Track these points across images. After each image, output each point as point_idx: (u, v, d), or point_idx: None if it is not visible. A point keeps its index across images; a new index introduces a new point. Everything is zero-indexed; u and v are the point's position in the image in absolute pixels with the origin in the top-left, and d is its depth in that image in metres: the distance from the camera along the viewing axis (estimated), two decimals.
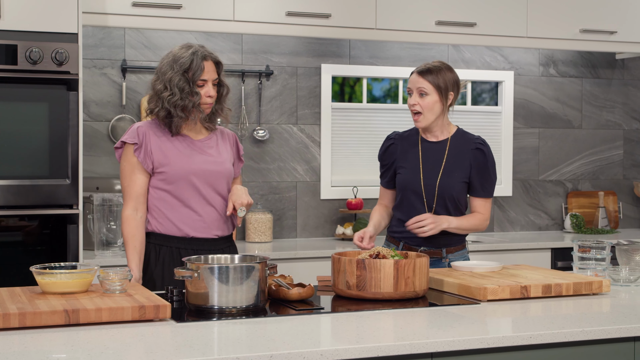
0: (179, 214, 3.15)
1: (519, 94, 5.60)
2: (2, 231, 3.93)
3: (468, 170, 3.45)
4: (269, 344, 2.17)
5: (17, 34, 3.90)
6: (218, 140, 3.29)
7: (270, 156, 5.04)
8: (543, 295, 2.85)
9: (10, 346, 2.14)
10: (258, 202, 4.95)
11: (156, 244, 3.16)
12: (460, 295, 2.88)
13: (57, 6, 3.95)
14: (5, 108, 3.88)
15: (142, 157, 3.13)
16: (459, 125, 3.58)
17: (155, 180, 3.17)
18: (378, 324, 2.47)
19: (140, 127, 3.17)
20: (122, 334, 2.28)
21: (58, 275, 2.61)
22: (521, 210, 5.63)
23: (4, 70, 3.88)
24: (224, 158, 3.26)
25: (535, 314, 2.65)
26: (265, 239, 4.86)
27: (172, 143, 3.17)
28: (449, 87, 3.43)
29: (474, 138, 3.51)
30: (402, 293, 2.77)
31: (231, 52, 4.93)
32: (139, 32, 4.74)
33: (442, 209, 3.44)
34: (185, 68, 3.11)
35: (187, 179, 3.14)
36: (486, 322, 2.52)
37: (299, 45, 5.07)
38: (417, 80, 3.42)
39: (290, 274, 4.28)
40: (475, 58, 5.48)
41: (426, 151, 3.49)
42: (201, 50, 3.16)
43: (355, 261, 2.78)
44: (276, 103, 5.04)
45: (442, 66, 3.44)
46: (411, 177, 3.46)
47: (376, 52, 5.23)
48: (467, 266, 3.16)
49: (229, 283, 2.58)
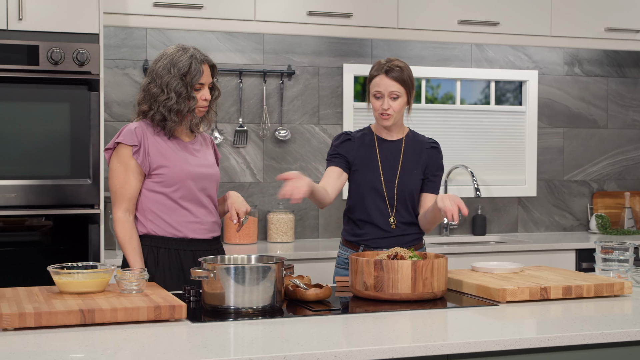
0: (176, 216, 3.11)
1: (543, 93, 5.55)
2: (24, 231, 3.95)
3: (423, 168, 3.47)
4: (282, 345, 2.16)
5: (39, 34, 3.92)
6: (202, 143, 3.27)
7: (292, 156, 5.03)
8: (563, 297, 2.81)
9: (25, 346, 2.15)
10: (280, 203, 4.95)
11: (153, 247, 3.11)
12: (479, 296, 2.85)
13: (78, 7, 3.96)
14: (27, 108, 3.90)
15: (141, 159, 3.07)
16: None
17: (150, 183, 3.11)
18: (394, 325, 2.45)
19: (138, 128, 3.10)
20: (137, 334, 2.28)
21: (75, 275, 2.61)
22: (545, 211, 5.58)
23: (25, 70, 3.90)
24: (212, 161, 3.25)
25: (554, 316, 2.62)
26: (287, 239, 4.85)
27: (167, 144, 3.12)
28: (413, 84, 3.43)
29: (426, 138, 3.56)
30: (420, 294, 2.75)
31: (253, 52, 4.93)
32: (161, 33, 4.74)
33: (402, 207, 3.43)
34: (184, 72, 3.06)
35: (185, 182, 3.10)
36: (504, 324, 2.49)
37: (321, 45, 5.06)
38: (387, 82, 3.36)
39: (311, 274, 4.27)
40: (499, 57, 5.44)
41: (383, 150, 3.47)
42: (198, 53, 3.12)
43: (373, 262, 2.76)
44: (298, 103, 5.03)
45: (402, 64, 3.39)
46: (371, 175, 3.43)
47: (398, 52, 5.21)
48: (487, 267, 3.13)
49: (245, 283, 2.58)
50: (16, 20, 3.88)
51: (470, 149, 5.44)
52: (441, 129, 5.36)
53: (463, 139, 5.43)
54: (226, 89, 4.89)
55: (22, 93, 3.90)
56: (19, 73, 3.89)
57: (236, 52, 4.90)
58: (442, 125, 5.37)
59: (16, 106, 3.89)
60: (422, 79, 5.33)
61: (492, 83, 5.48)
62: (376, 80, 3.38)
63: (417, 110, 5.31)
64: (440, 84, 5.41)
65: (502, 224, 5.48)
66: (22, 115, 3.90)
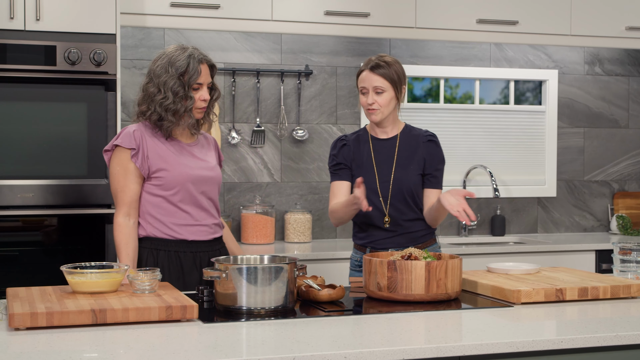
0: (175, 219, 3.09)
1: (563, 93, 5.51)
2: (42, 230, 3.96)
3: (422, 163, 3.41)
4: (293, 346, 2.15)
5: (56, 35, 3.94)
6: (204, 145, 3.24)
7: (310, 156, 5.02)
8: (579, 298, 2.78)
9: (36, 345, 2.15)
10: (297, 202, 4.94)
11: (152, 249, 3.09)
12: (494, 297, 2.82)
13: (95, 7, 3.97)
14: (44, 108, 3.92)
15: (139, 162, 3.05)
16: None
17: (149, 186, 3.09)
18: (406, 326, 2.43)
19: (136, 131, 3.08)
20: (148, 334, 2.28)
21: (88, 275, 2.62)
22: (565, 211, 5.53)
23: (43, 70, 3.92)
24: (214, 163, 3.22)
25: (569, 318, 2.59)
26: (304, 239, 4.84)
27: (166, 147, 3.09)
28: (402, 80, 3.38)
29: (423, 132, 3.49)
30: (433, 295, 2.73)
31: (270, 52, 4.93)
32: (179, 33, 4.75)
33: (400, 204, 3.38)
34: (182, 71, 3.04)
35: (185, 186, 3.07)
36: (518, 325, 2.47)
37: (339, 45, 5.04)
38: (372, 78, 3.33)
39: (327, 275, 4.26)
40: (518, 57, 5.40)
41: (377, 148, 3.44)
42: (197, 53, 3.09)
43: (387, 262, 2.75)
44: (315, 103, 5.02)
45: (391, 60, 3.36)
46: (365, 176, 3.39)
47: (417, 51, 5.18)
48: (502, 268, 3.11)
49: (257, 284, 2.57)
50: (34, 21, 3.90)
51: (489, 149, 5.41)
52: (460, 129, 5.33)
53: (482, 139, 5.39)
54: (243, 89, 4.88)
55: (39, 93, 3.92)
56: (36, 73, 3.91)
57: (254, 52, 4.89)
58: (461, 126, 5.34)
59: (33, 106, 3.91)
60: (440, 78, 5.30)
61: (512, 83, 5.44)
62: (362, 76, 3.38)
63: (435, 110, 5.29)
64: (459, 84, 5.38)
65: (521, 224, 5.44)
66: (39, 115, 3.91)
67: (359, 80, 3.39)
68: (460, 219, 3.05)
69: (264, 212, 4.75)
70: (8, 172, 3.88)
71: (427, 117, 5.25)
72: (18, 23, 3.89)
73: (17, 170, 3.89)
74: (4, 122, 3.87)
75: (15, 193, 3.88)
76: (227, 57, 4.83)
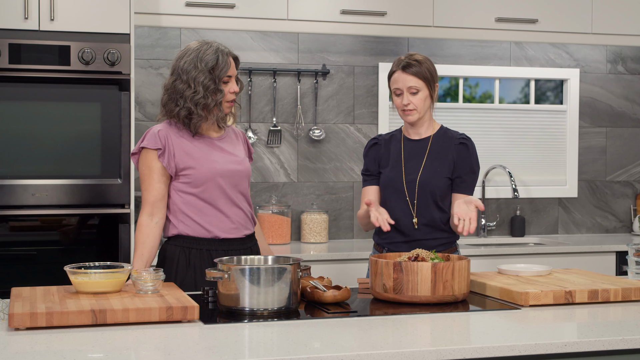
0: (207, 217, 3.09)
1: (585, 92, 5.43)
2: (55, 230, 3.97)
3: (451, 167, 3.33)
4: (289, 348, 2.13)
5: (70, 34, 3.95)
6: (232, 138, 3.24)
7: (327, 156, 4.99)
8: (589, 301, 2.73)
9: (33, 345, 2.14)
10: (314, 203, 4.92)
11: (185, 247, 3.10)
12: (503, 300, 2.78)
13: (109, 7, 3.98)
14: (59, 108, 3.93)
15: (166, 161, 3.06)
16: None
17: (179, 184, 3.09)
18: (408, 328, 2.39)
19: (161, 131, 3.09)
20: (146, 335, 2.26)
21: (91, 275, 2.61)
22: (587, 212, 5.46)
23: (57, 70, 3.93)
24: (243, 156, 3.22)
25: (577, 321, 2.54)
26: (321, 240, 4.81)
27: (193, 144, 3.11)
28: (435, 78, 3.33)
29: (457, 134, 3.40)
30: (440, 297, 2.69)
31: (287, 51, 4.91)
32: (195, 32, 4.74)
33: (424, 206, 3.31)
34: (212, 66, 3.05)
35: (214, 181, 3.08)
36: (523, 328, 2.42)
37: (356, 44, 5.01)
38: (405, 78, 3.28)
39: (344, 275, 4.24)
40: (539, 55, 5.34)
41: (408, 149, 3.39)
42: (222, 46, 3.11)
43: (392, 264, 2.71)
44: (333, 102, 5.00)
45: (422, 58, 3.31)
46: (393, 174, 3.35)
47: (435, 50, 5.14)
48: (513, 270, 3.06)
49: (260, 284, 2.54)
50: (48, 21, 3.91)
51: (509, 149, 5.35)
52: (479, 128, 5.28)
53: (501, 139, 5.34)
54: (260, 88, 4.87)
55: (53, 93, 3.93)
56: (50, 73, 3.92)
57: (270, 52, 4.88)
58: (480, 125, 5.29)
59: (48, 106, 3.92)
60: (459, 77, 5.26)
61: (532, 82, 5.38)
62: (395, 77, 3.32)
63: (455, 110, 5.24)
64: (479, 83, 5.33)
65: (542, 225, 5.38)
66: (54, 115, 3.92)
67: (392, 81, 3.33)
68: (458, 228, 3.02)
69: (280, 212, 4.73)
70: (23, 172, 3.89)
71: (446, 117, 5.20)
72: (32, 23, 3.90)
73: (31, 170, 3.90)
74: (19, 122, 3.88)
75: (29, 192, 3.89)
76: (243, 57, 4.82)
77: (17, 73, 3.88)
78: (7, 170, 3.87)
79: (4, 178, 3.86)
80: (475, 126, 5.27)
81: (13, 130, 3.88)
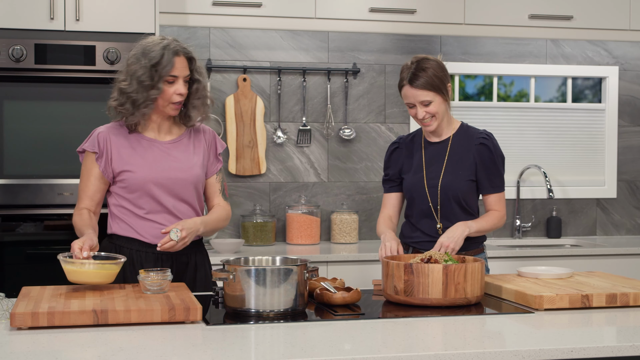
0: (139, 223, 3.01)
1: (624, 90, 5.30)
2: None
3: (473, 168, 3.24)
4: (286, 351, 2.09)
5: (95, 34, 3.96)
6: (190, 141, 3.10)
7: (357, 155, 4.94)
8: (607, 305, 2.65)
9: (29, 346, 2.14)
10: (344, 203, 4.87)
11: (117, 245, 3.03)
12: (517, 303, 2.71)
13: (134, 7, 3.98)
14: (84, 108, 3.94)
15: (103, 166, 2.99)
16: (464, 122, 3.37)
17: (115, 187, 3.02)
18: (413, 332, 2.34)
19: (101, 133, 3.01)
20: (146, 336, 2.24)
21: (86, 265, 2.61)
22: (627, 213, 5.32)
23: (82, 70, 3.94)
24: (193, 162, 3.06)
25: (590, 326, 2.46)
26: (350, 240, 4.76)
27: (133, 148, 3.00)
28: (445, 80, 3.21)
29: (477, 133, 3.30)
30: (451, 300, 2.63)
31: (317, 50, 4.87)
32: (224, 32, 4.73)
33: (448, 210, 3.23)
34: (154, 62, 2.93)
35: (147, 189, 2.98)
36: (531, 333, 2.35)
37: (387, 42, 4.95)
38: (415, 93, 3.17)
39: (374, 276, 4.18)
40: (576, 53, 5.22)
41: (429, 153, 3.30)
42: (174, 44, 2.97)
43: (403, 265, 2.66)
44: (363, 101, 4.94)
45: (427, 64, 3.18)
46: (415, 180, 3.28)
47: (468, 48, 5.06)
48: (532, 272, 2.98)
49: (265, 286, 2.51)
50: (73, 21, 3.93)
51: (545, 149, 5.24)
52: (514, 128, 5.18)
53: (537, 139, 5.23)
54: (289, 87, 4.84)
55: (78, 93, 3.94)
56: (76, 73, 3.94)
57: (300, 51, 4.84)
58: (515, 125, 5.19)
59: (73, 106, 3.93)
60: (494, 76, 5.16)
61: (569, 80, 5.26)
62: (404, 92, 3.22)
63: (488, 109, 5.15)
64: (514, 81, 5.23)
65: (579, 226, 5.25)
66: (79, 114, 3.94)
67: (403, 96, 3.24)
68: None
69: (309, 212, 4.70)
70: (48, 172, 3.91)
71: (480, 116, 5.11)
72: (58, 23, 3.92)
73: (56, 170, 3.92)
74: (44, 122, 3.91)
75: (55, 192, 3.91)
76: (273, 56, 4.79)
77: (43, 73, 3.90)
78: (33, 169, 3.90)
79: (30, 177, 3.89)
80: (510, 126, 5.17)
81: (38, 130, 3.90)
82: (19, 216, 3.93)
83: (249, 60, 4.77)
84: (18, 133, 3.88)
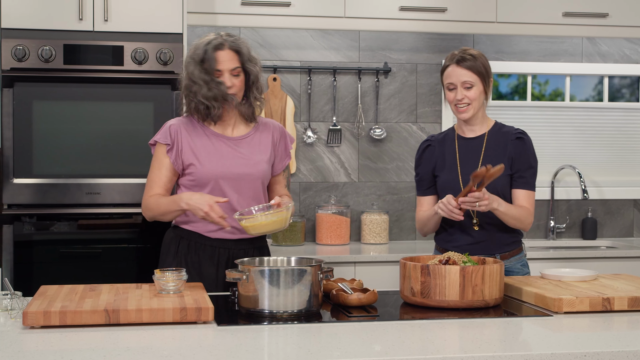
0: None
1: None
2: (109, 229, 4.01)
3: (509, 163, 3.19)
4: (290, 354, 2.07)
5: (124, 35, 3.98)
6: (258, 136, 3.17)
7: (388, 155, 4.90)
8: (629, 308, 2.58)
9: (37, 345, 2.15)
10: (374, 203, 4.83)
11: (177, 236, 3.13)
12: (537, 305, 2.66)
13: (162, 7, 3.99)
14: (113, 108, 3.97)
15: (173, 157, 3.07)
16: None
17: (184, 180, 3.11)
18: (426, 334, 2.30)
19: (173, 126, 3.10)
20: (156, 336, 2.24)
21: (258, 217, 2.83)
22: None
23: (111, 70, 3.97)
24: (259, 158, 3.13)
25: (609, 330, 2.40)
26: (381, 241, 4.73)
27: (203, 142, 3.08)
28: (490, 73, 3.20)
29: (513, 130, 3.27)
30: (469, 302, 2.59)
31: (348, 49, 4.84)
32: (254, 31, 4.73)
33: None
34: (200, 59, 3.02)
35: (215, 183, 3.06)
36: (547, 336, 2.29)
37: (419, 41, 4.91)
38: (459, 72, 3.17)
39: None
40: (612, 51, 5.12)
41: (463, 148, 3.25)
42: (217, 40, 3.04)
43: (420, 267, 2.62)
44: (394, 101, 4.90)
45: (476, 53, 3.20)
46: (450, 177, 3.23)
47: (502, 47, 4.99)
48: (555, 274, 2.92)
49: (279, 286, 2.49)
50: (102, 22, 3.95)
51: (580, 149, 5.15)
52: (548, 127, 5.10)
53: (572, 138, 5.14)
54: (320, 87, 4.82)
55: (107, 93, 3.97)
56: (104, 73, 3.96)
57: (330, 50, 4.82)
58: (550, 124, 5.11)
59: (101, 106, 3.96)
60: (527, 74, 5.09)
61: (606, 78, 5.17)
62: (448, 71, 3.22)
63: (522, 108, 5.08)
64: (548, 80, 5.15)
65: (615, 227, 5.16)
66: (107, 114, 3.96)
67: (445, 76, 3.23)
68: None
69: (339, 212, 4.67)
70: (76, 171, 3.94)
71: (514, 115, 5.04)
72: (87, 24, 3.95)
73: (84, 169, 3.95)
74: (73, 122, 3.94)
75: (83, 191, 3.94)
76: (303, 55, 4.78)
77: (72, 73, 3.93)
78: (62, 169, 3.93)
79: (58, 177, 3.92)
80: (545, 125, 5.10)
81: (67, 129, 3.93)
82: (52, 215, 3.96)
83: (279, 59, 4.76)
84: (47, 133, 3.91)
